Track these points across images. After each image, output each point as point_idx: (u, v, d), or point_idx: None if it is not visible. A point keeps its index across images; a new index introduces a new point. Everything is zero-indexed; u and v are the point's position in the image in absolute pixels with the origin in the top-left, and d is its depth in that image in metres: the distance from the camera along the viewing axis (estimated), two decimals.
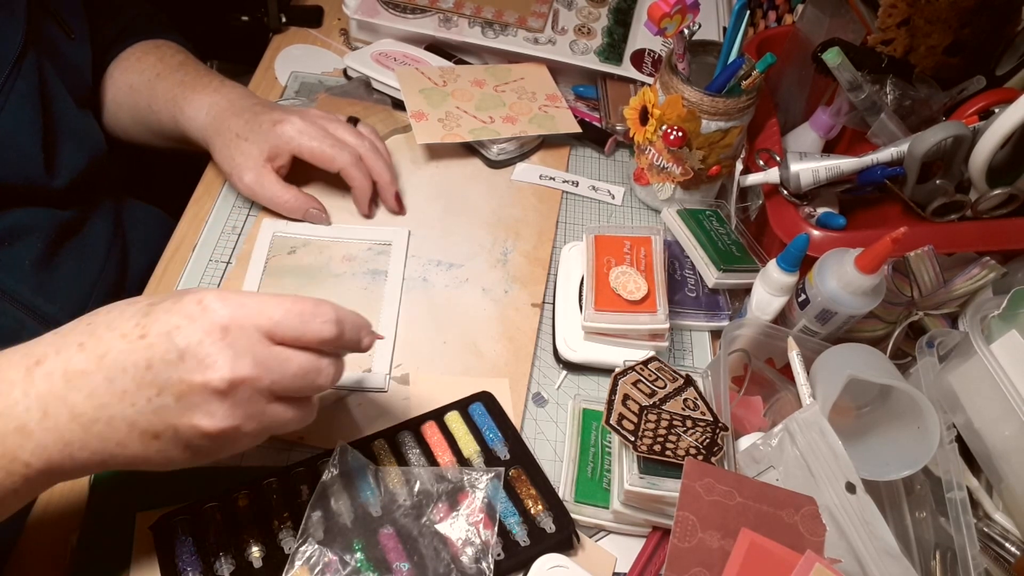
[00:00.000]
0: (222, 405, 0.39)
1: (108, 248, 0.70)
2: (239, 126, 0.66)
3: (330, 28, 0.95)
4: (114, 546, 0.50)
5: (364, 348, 0.46)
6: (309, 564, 0.48)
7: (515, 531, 0.52)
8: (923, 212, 0.63)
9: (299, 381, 0.42)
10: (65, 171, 0.63)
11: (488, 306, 0.69)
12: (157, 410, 0.39)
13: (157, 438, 0.40)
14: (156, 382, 0.39)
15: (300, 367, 0.41)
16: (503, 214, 0.77)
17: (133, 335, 0.39)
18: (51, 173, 0.62)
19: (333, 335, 0.42)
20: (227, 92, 0.70)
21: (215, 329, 0.39)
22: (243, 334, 0.40)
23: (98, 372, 0.39)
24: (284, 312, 0.41)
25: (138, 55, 0.74)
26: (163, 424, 0.39)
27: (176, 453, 0.41)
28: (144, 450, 0.40)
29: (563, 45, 0.89)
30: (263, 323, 0.40)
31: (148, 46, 0.75)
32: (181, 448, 0.41)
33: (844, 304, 0.58)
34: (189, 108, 0.69)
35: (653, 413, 0.54)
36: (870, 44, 0.70)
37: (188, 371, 0.38)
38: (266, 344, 0.40)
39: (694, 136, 0.70)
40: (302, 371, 0.42)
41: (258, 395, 0.40)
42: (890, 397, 0.58)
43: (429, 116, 0.79)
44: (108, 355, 0.39)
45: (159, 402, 0.39)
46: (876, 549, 0.47)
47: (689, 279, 0.71)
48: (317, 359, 0.42)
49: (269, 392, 0.41)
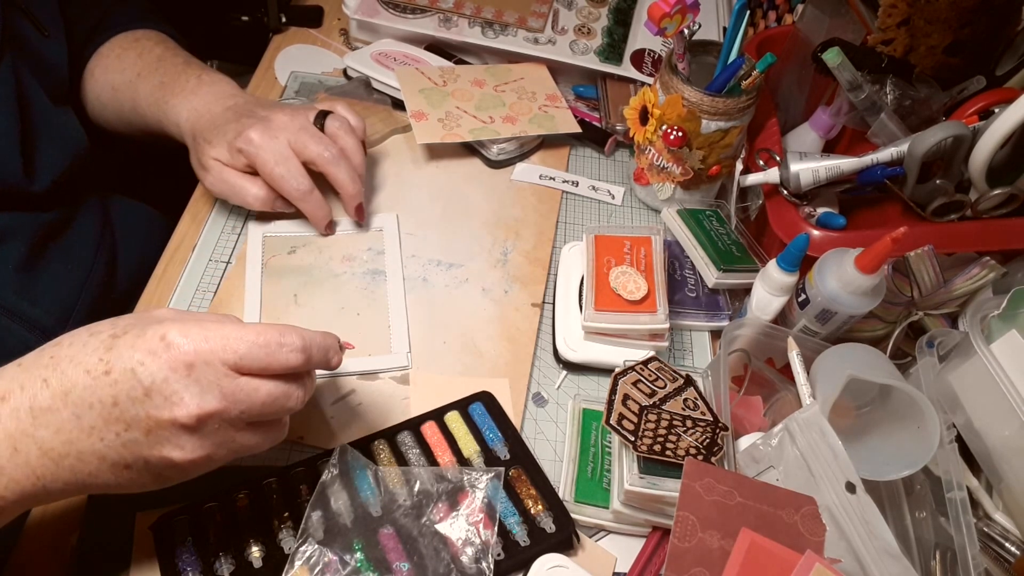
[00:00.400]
0: (191, 438, 0.40)
1: (96, 248, 0.69)
2: (208, 131, 0.65)
3: (330, 28, 0.95)
4: (114, 546, 0.50)
5: (333, 366, 0.46)
6: (309, 564, 0.48)
7: (515, 531, 0.52)
8: (923, 212, 0.63)
9: (268, 408, 0.42)
10: (46, 173, 0.62)
11: (488, 306, 0.69)
12: (126, 444, 0.39)
13: (128, 468, 0.40)
14: (123, 418, 0.39)
15: (268, 395, 0.42)
16: (503, 214, 0.77)
17: (97, 371, 0.39)
18: (31, 177, 0.61)
19: (300, 363, 0.42)
20: (204, 93, 0.68)
21: (179, 366, 0.39)
22: (208, 369, 0.40)
23: (64, 408, 0.39)
24: (248, 346, 0.41)
25: (117, 52, 0.72)
26: (133, 456, 0.40)
27: (148, 480, 0.42)
28: (116, 479, 0.41)
29: (563, 45, 0.89)
30: (228, 357, 0.40)
31: (127, 40, 0.73)
32: (153, 476, 0.41)
33: (844, 304, 0.58)
34: (172, 113, 0.68)
35: (653, 413, 0.54)
36: (870, 44, 0.70)
37: (155, 408, 0.39)
38: (232, 377, 0.40)
39: (694, 136, 0.70)
40: (271, 398, 0.42)
41: (227, 425, 0.41)
42: (890, 397, 0.58)
43: (429, 116, 0.79)
44: (73, 391, 0.39)
45: (127, 437, 0.39)
46: (876, 549, 0.47)
47: (689, 279, 0.71)
48: (285, 385, 0.43)
49: (239, 420, 0.41)
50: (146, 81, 0.70)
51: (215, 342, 0.40)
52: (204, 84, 0.68)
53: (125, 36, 0.74)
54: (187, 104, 0.67)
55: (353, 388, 0.61)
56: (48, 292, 0.62)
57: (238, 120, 0.64)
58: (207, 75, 0.70)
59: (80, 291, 0.65)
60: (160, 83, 0.69)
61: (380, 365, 0.63)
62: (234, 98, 0.68)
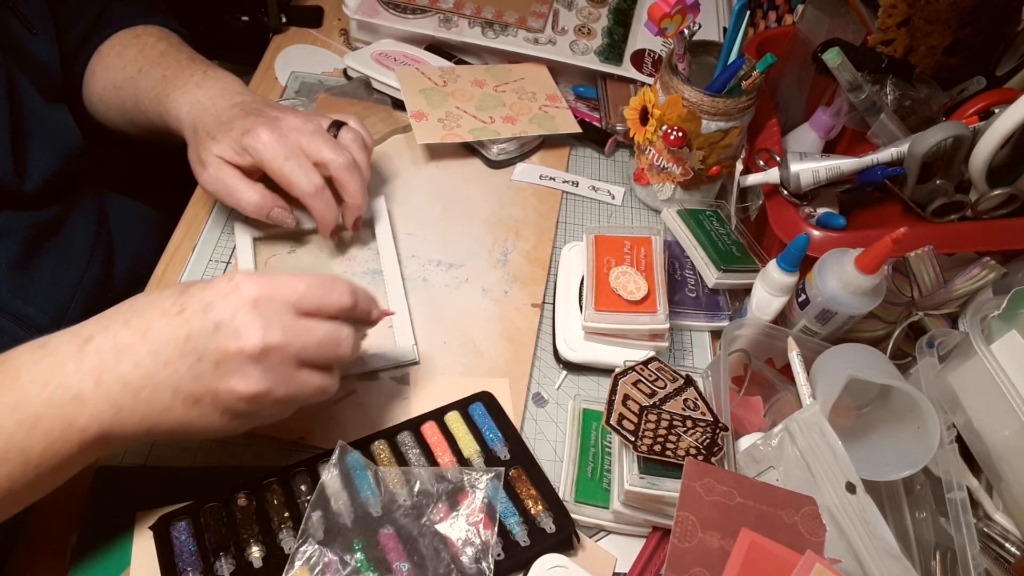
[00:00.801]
0: (256, 369, 0.43)
1: (92, 247, 0.68)
2: (212, 125, 0.63)
3: (330, 28, 0.95)
4: (114, 546, 0.50)
5: (374, 320, 0.51)
6: (309, 564, 0.48)
7: (515, 531, 0.52)
8: (923, 212, 0.63)
9: (323, 348, 0.46)
10: (37, 172, 0.62)
11: (488, 306, 0.69)
12: (197, 376, 0.43)
13: (198, 403, 0.44)
14: (195, 351, 0.43)
15: (324, 334, 0.46)
16: (503, 214, 0.77)
17: (172, 311, 0.44)
18: (22, 176, 0.60)
19: (350, 303, 0.48)
20: (209, 87, 0.65)
21: (246, 303, 0.44)
22: (272, 306, 0.44)
23: (143, 344, 0.43)
24: (306, 286, 0.46)
25: (118, 49, 0.71)
26: (203, 389, 0.44)
27: (215, 417, 0.45)
28: (186, 415, 0.44)
29: (563, 45, 0.89)
30: (289, 296, 0.45)
31: (127, 37, 0.72)
32: (220, 412, 0.45)
33: (844, 304, 0.58)
34: (172, 106, 0.65)
35: (653, 413, 0.54)
36: (870, 44, 0.70)
37: (224, 340, 0.43)
38: (293, 315, 0.45)
39: (694, 136, 0.70)
40: (326, 338, 0.46)
41: (287, 361, 0.45)
42: (890, 397, 0.58)
43: (429, 116, 0.79)
44: (151, 330, 0.44)
45: (199, 369, 0.43)
46: (876, 549, 0.47)
47: (689, 279, 0.71)
48: (338, 328, 0.47)
49: (297, 359, 0.45)
50: (147, 76, 0.68)
51: (277, 284, 0.45)
52: (209, 79, 0.66)
53: (126, 33, 0.72)
54: (189, 97, 0.65)
55: (353, 388, 0.61)
56: (43, 291, 0.62)
57: (246, 117, 0.62)
58: (213, 71, 0.68)
59: (75, 290, 0.65)
60: (162, 77, 0.67)
61: (387, 361, 0.63)
62: (241, 95, 0.65)
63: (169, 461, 0.55)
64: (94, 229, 0.69)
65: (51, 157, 0.64)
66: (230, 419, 0.45)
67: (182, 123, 0.65)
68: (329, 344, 0.47)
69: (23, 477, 0.42)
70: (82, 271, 0.66)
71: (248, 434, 0.57)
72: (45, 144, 0.63)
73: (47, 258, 0.63)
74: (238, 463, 0.56)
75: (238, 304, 0.44)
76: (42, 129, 0.63)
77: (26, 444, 0.42)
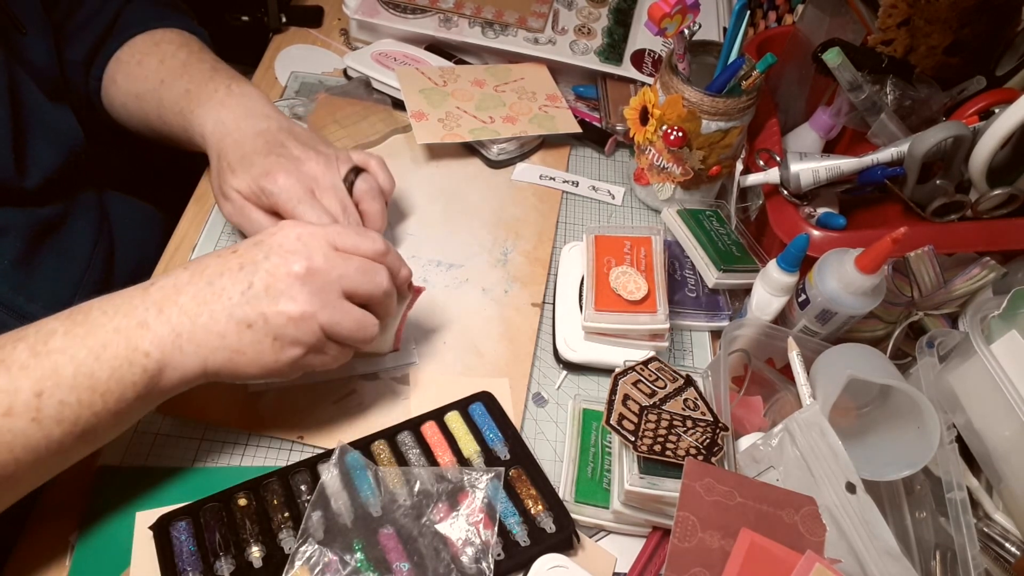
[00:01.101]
0: (303, 290, 0.48)
1: (93, 245, 0.68)
2: (234, 158, 0.62)
3: (330, 28, 0.95)
4: (114, 546, 0.50)
5: (403, 277, 0.55)
6: (309, 564, 0.48)
7: (515, 531, 0.52)
8: (923, 212, 0.63)
9: (361, 277, 0.51)
10: (38, 170, 0.62)
11: (488, 306, 0.69)
12: (249, 300, 0.48)
13: (251, 327, 0.48)
14: (247, 277, 0.48)
15: (361, 263, 0.51)
16: (503, 214, 0.77)
17: (227, 252, 0.51)
18: (22, 173, 0.60)
19: (382, 247, 0.53)
20: (233, 107, 0.65)
21: (292, 237, 0.50)
22: (315, 240, 0.50)
23: (201, 280, 0.49)
24: (343, 228, 0.52)
25: (138, 58, 0.70)
26: (255, 312, 0.48)
27: (267, 345, 0.48)
28: (239, 342, 0.48)
29: (563, 45, 0.89)
30: (329, 233, 0.51)
31: (147, 44, 0.71)
32: (271, 339, 0.48)
33: (844, 304, 0.58)
34: (197, 123, 0.65)
35: (653, 413, 0.54)
36: (870, 44, 0.70)
37: (274, 265, 0.49)
38: (332, 248, 0.51)
39: (694, 136, 0.70)
40: (363, 268, 0.51)
41: (331, 286, 0.49)
42: (890, 397, 0.58)
43: (429, 116, 0.79)
44: (208, 268, 0.49)
45: (251, 293, 0.48)
46: (876, 549, 0.47)
47: (689, 279, 0.71)
48: (372, 263, 0.52)
49: (339, 284, 0.50)
50: (170, 89, 0.68)
51: (318, 226, 0.51)
52: (233, 96, 0.66)
53: (144, 39, 0.71)
54: (213, 115, 0.65)
55: (353, 388, 0.61)
56: (44, 288, 0.62)
57: (267, 155, 0.62)
58: (236, 85, 0.67)
59: (77, 287, 0.65)
60: (185, 91, 0.67)
61: (387, 361, 0.63)
62: (267, 120, 0.65)
63: (169, 461, 0.55)
64: (95, 227, 0.69)
65: (52, 155, 0.64)
66: (280, 348, 0.49)
67: (207, 142, 0.65)
68: (367, 272, 0.51)
69: (90, 407, 0.45)
70: (83, 269, 0.66)
71: (248, 434, 0.57)
72: (46, 142, 0.63)
73: (49, 255, 0.64)
74: (238, 463, 0.56)
75: (284, 237, 0.50)
76: (43, 127, 0.63)
77: (95, 369, 0.45)
